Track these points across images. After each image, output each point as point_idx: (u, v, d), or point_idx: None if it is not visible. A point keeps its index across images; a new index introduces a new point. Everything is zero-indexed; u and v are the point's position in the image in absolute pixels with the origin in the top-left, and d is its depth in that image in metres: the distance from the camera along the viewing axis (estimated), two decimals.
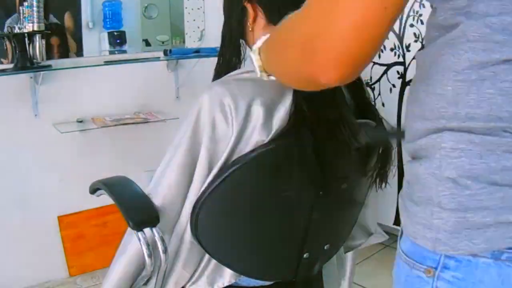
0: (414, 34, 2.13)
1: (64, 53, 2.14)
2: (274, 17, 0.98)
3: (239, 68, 1.05)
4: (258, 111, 0.90)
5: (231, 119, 0.91)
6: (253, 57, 0.79)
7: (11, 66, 1.91)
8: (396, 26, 2.18)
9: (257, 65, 0.79)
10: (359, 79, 1.06)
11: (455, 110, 0.54)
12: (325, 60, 0.52)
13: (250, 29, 1.02)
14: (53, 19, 2.06)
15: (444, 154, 0.55)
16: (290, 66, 0.63)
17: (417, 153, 0.60)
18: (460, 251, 0.54)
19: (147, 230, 0.96)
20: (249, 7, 1.00)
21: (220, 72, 1.04)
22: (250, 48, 1.08)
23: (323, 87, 0.57)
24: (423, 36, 2.09)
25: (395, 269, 0.64)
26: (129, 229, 1.01)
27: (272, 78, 0.79)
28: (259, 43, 0.78)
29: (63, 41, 2.12)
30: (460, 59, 0.53)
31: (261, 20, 1.01)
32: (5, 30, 1.90)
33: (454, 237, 0.54)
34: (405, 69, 2.21)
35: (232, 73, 0.99)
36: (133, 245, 1.00)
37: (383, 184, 1.09)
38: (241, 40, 1.06)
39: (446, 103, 0.54)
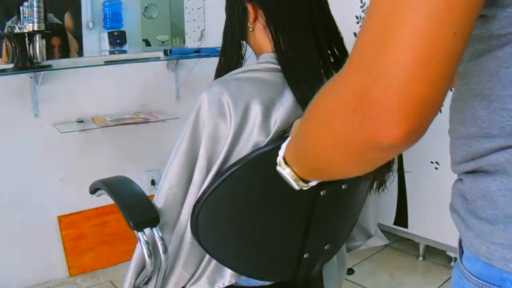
0: None
1: (64, 53, 2.14)
2: (274, 17, 0.99)
3: (240, 67, 1.05)
4: (256, 110, 0.90)
5: (229, 118, 0.91)
6: (282, 172, 0.64)
7: (11, 66, 1.91)
8: None
9: (290, 178, 0.63)
10: None
11: None
12: (386, 112, 0.41)
13: (251, 29, 1.02)
14: (53, 19, 2.06)
15: None
16: (335, 140, 0.48)
17: (483, 168, 0.53)
18: None
19: (147, 230, 0.97)
20: (250, 7, 1.01)
21: (221, 72, 1.04)
22: (251, 47, 1.08)
23: (383, 156, 0.47)
24: None
25: None
26: None
27: (312, 183, 0.64)
28: (281, 152, 0.64)
29: (63, 41, 2.12)
30: None
31: (262, 20, 1.01)
32: (5, 30, 1.90)
33: None
34: None
35: (231, 72, 1.00)
36: (136, 246, 1.00)
37: (381, 189, 1.08)
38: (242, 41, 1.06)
39: None
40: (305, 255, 1.05)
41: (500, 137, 0.49)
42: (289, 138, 0.65)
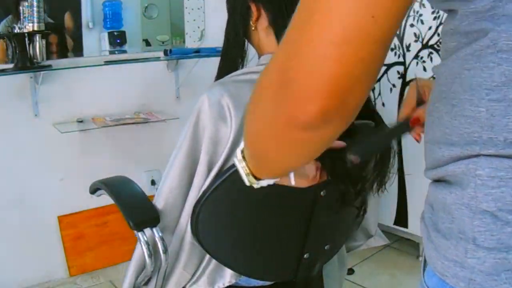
0: (415, 34, 2.13)
1: (64, 53, 2.14)
2: (276, 17, 0.99)
3: (242, 67, 1.05)
4: None
5: (230, 120, 0.91)
6: (236, 164, 0.62)
7: (11, 66, 1.91)
8: None
9: (243, 172, 0.61)
10: None
11: (491, 135, 0.45)
12: (302, 88, 0.41)
13: (253, 28, 1.02)
14: (47, 18, 2.05)
15: (480, 183, 0.46)
16: (264, 121, 0.48)
17: (442, 178, 0.51)
18: None
19: (147, 230, 0.97)
20: (253, 6, 1.01)
21: (223, 71, 1.04)
22: (254, 47, 1.08)
23: (305, 134, 0.44)
24: (423, 36, 2.09)
25: None
26: None
27: (263, 183, 0.62)
28: (241, 144, 0.61)
29: (63, 41, 2.12)
30: (493, 74, 0.44)
31: (264, 20, 1.01)
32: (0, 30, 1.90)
33: (492, 279, 0.46)
34: (405, 69, 2.21)
35: (232, 74, 1.00)
36: (136, 246, 1.00)
37: (381, 190, 1.08)
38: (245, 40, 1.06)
39: (479, 127, 0.45)
40: (305, 255, 1.05)
41: (458, 145, 0.47)
42: None
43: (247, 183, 0.62)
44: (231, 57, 1.05)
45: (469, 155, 0.47)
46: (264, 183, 0.62)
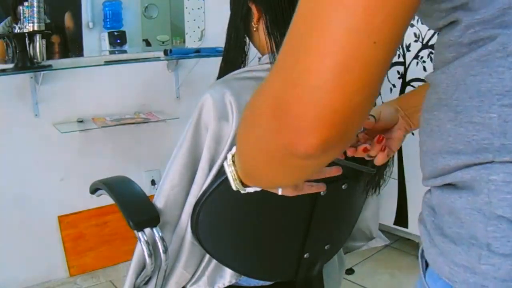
0: (414, 34, 2.13)
1: (65, 53, 2.14)
2: (276, 18, 0.99)
3: (243, 67, 1.05)
4: None
5: (232, 118, 0.91)
6: (226, 167, 0.62)
7: (11, 66, 1.91)
8: None
9: (231, 176, 0.62)
10: None
11: (504, 141, 0.43)
12: (300, 120, 0.39)
13: (255, 29, 1.02)
14: (47, 20, 2.05)
15: (493, 189, 0.44)
16: (260, 143, 0.46)
17: (450, 183, 0.50)
18: None
19: (147, 230, 0.97)
20: (253, 7, 1.01)
21: (225, 71, 1.04)
22: (256, 47, 1.08)
23: (303, 165, 0.44)
24: (423, 36, 2.09)
25: None
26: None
27: (250, 190, 0.62)
28: (233, 149, 0.60)
29: (63, 41, 2.12)
30: (504, 79, 0.42)
31: (265, 20, 1.01)
32: None
33: (507, 286, 0.45)
34: (405, 69, 2.21)
35: (234, 72, 1.00)
36: (137, 246, 1.00)
37: (377, 191, 1.08)
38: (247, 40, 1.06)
39: (490, 134, 0.44)
40: (305, 255, 1.05)
41: (465, 153, 0.46)
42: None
43: (234, 188, 0.62)
44: (232, 58, 1.05)
45: (480, 163, 0.45)
46: (251, 190, 0.61)
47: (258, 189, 0.61)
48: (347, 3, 0.36)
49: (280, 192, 0.64)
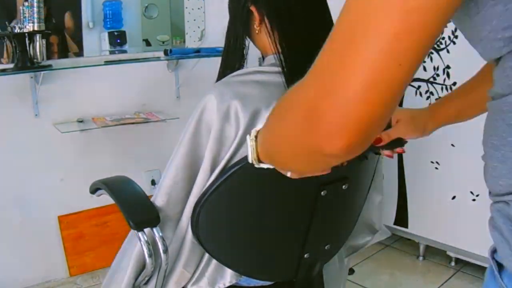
0: None
1: (65, 53, 2.14)
2: (278, 20, 0.99)
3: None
4: (265, 115, 0.90)
5: (236, 121, 0.91)
6: (248, 141, 0.68)
7: (11, 66, 1.91)
8: None
9: (250, 152, 0.67)
10: None
11: None
12: (330, 126, 0.46)
13: (257, 31, 1.02)
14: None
15: None
16: (289, 136, 0.54)
17: None
18: None
19: (147, 230, 0.96)
20: (254, 10, 1.00)
21: (224, 76, 1.04)
22: (258, 48, 1.08)
23: (327, 161, 0.52)
24: None
25: None
26: (131, 232, 1.01)
27: (264, 165, 0.68)
28: (259, 126, 0.67)
29: (64, 41, 2.12)
30: None
31: (267, 22, 1.01)
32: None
33: None
34: None
35: (236, 73, 0.99)
36: (136, 245, 1.00)
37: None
38: (246, 40, 1.06)
39: None
40: (305, 255, 1.05)
41: None
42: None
43: (250, 161, 0.68)
44: (230, 62, 1.05)
45: None
46: (265, 166, 0.67)
47: (271, 166, 0.67)
48: (380, 29, 0.42)
49: (288, 175, 0.67)
